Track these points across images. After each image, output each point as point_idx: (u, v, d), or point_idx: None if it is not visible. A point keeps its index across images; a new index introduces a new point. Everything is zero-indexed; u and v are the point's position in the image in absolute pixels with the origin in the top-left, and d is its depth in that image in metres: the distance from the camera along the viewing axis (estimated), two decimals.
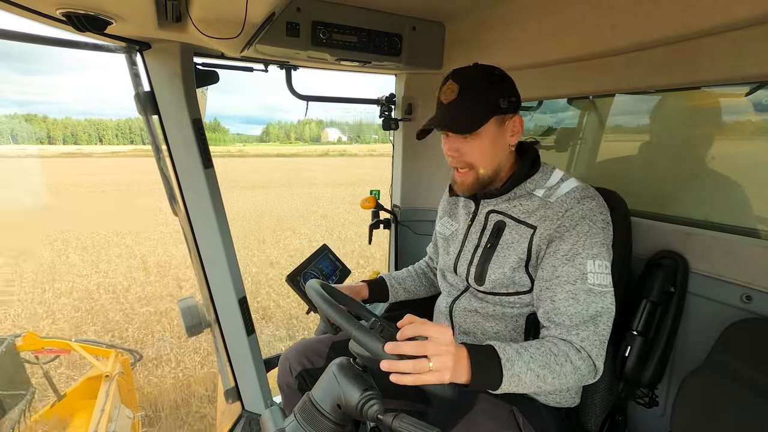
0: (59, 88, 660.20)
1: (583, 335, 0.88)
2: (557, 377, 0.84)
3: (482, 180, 1.04)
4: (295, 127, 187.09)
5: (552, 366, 0.84)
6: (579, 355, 0.87)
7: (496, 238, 1.04)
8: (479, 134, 0.98)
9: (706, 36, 0.97)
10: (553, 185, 1.01)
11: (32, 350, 2.50)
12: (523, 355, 0.82)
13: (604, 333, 0.90)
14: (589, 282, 0.90)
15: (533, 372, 0.82)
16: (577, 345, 0.88)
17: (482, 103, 0.97)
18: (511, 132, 1.02)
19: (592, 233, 0.92)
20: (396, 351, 0.72)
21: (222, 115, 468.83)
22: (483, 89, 0.98)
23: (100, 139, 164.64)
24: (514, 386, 0.81)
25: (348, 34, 1.39)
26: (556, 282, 0.92)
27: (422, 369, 0.71)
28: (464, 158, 1.01)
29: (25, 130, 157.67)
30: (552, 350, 0.86)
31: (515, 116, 1.01)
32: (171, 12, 0.99)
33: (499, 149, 1.02)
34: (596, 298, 0.89)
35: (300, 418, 0.77)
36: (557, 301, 0.91)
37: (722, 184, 1.20)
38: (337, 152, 67.88)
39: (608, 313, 0.91)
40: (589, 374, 0.89)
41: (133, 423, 2.30)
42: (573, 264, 0.91)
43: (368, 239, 2.12)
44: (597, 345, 0.88)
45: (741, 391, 0.86)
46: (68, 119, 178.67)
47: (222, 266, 1.59)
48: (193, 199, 1.52)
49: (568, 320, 0.89)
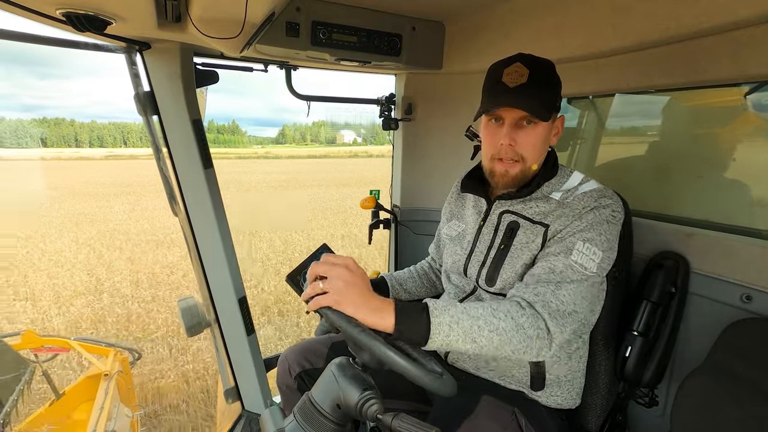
0: (77, 92, 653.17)
1: (539, 290, 0.84)
2: (495, 332, 0.77)
3: (527, 175, 1.00)
4: (310, 129, 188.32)
5: (488, 318, 0.78)
6: (523, 311, 0.81)
7: (509, 239, 1.02)
8: (540, 126, 0.94)
9: (706, 36, 0.97)
10: (571, 188, 0.99)
11: (31, 348, 2.50)
12: (456, 306, 0.79)
13: (564, 300, 0.84)
14: (572, 258, 0.88)
15: (465, 322, 0.77)
16: (524, 302, 0.83)
17: (550, 94, 0.95)
18: (555, 131, 1.01)
19: (594, 222, 0.91)
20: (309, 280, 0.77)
21: (230, 117, 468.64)
22: (551, 79, 0.95)
23: (124, 142, 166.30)
24: (444, 336, 0.76)
25: (348, 34, 1.39)
26: (542, 256, 0.92)
27: (316, 290, 0.74)
28: (518, 149, 0.96)
29: (54, 134, 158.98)
30: (492, 305, 0.81)
31: (561, 116, 1.01)
32: (171, 12, 0.99)
33: (546, 146, 1.00)
34: (572, 274, 0.86)
35: (299, 418, 0.77)
36: (534, 269, 0.91)
37: (722, 184, 1.20)
38: (364, 153, 69.52)
39: (577, 288, 0.85)
40: (540, 338, 0.80)
41: (132, 422, 2.30)
42: (563, 242, 0.90)
43: (368, 239, 2.13)
44: (552, 306, 0.83)
45: (741, 391, 0.86)
46: (94, 123, 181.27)
47: (222, 266, 1.59)
48: (193, 199, 1.52)
49: (533, 280, 0.88)
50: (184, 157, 1.47)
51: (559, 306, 0.83)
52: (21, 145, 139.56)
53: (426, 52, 1.59)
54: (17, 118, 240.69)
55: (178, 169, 1.49)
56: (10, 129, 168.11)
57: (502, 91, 0.94)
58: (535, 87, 0.91)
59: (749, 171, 1.16)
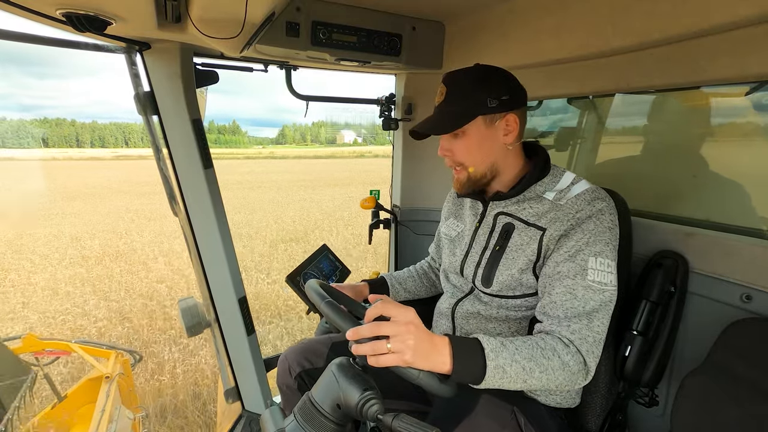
0: (76, 92, 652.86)
1: (574, 328, 0.86)
2: (544, 372, 0.81)
3: (474, 179, 1.04)
4: (310, 129, 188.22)
5: (538, 359, 0.81)
6: (567, 349, 0.84)
7: (504, 240, 1.03)
8: (465, 133, 1.00)
9: (706, 36, 0.97)
10: (564, 188, 1.00)
11: (32, 352, 2.50)
12: (508, 347, 0.80)
13: (598, 330, 0.87)
14: (589, 278, 0.89)
15: (518, 364, 0.79)
16: (566, 339, 0.86)
17: (466, 104, 0.98)
18: (504, 131, 1.01)
19: (597, 231, 0.91)
20: (356, 336, 0.73)
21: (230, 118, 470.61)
22: (468, 90, 0.98)
23: (126, 142, 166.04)
24: (498, 378, 0.78)
25: (348, 34, 1.39)
26: (556, 277, 0.92)
27: (379, 350, 0.71)
28: (455, 157, 1.03)
29: (56, 134, 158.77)
30: (539, 344, 0.83)
31: (508, 115, 0.99)
32: (171, 12, 0.99)
33: (489, 148, 1.01)
34: (594, 295, 0.88)
35: (300, 418, 0.77)
36: (554, 295, 0.91)
37: (722, 183, 1.20)
38: (369, 153, 70.60)
39: (605, 311, 0.89)
40: (579, 372, 0.85)
41: (134, 424, 2.30)
42: (575, 260, 0.91)
43: (368, 239, 2.13)
44: (588, 341, 0.86)
45: (741, 390, 0.86)
46: (95, 123, 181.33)
47: (222, 266, 1.59)
48: (193, 199, 1.52)
49: (561, 313, 0.88)
50: (184, 157, 1.47)
51: (594, 338, 0.87)
52: (23, 145, 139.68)
53: (426, 52, 1.59)
54: (19, 118, 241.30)
55: (178, 169, 1.49)
56: (12, 129, 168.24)
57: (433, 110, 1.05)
58: (449, 103, 1.00)
59: (749, 171, 1.16)
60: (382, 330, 0.72)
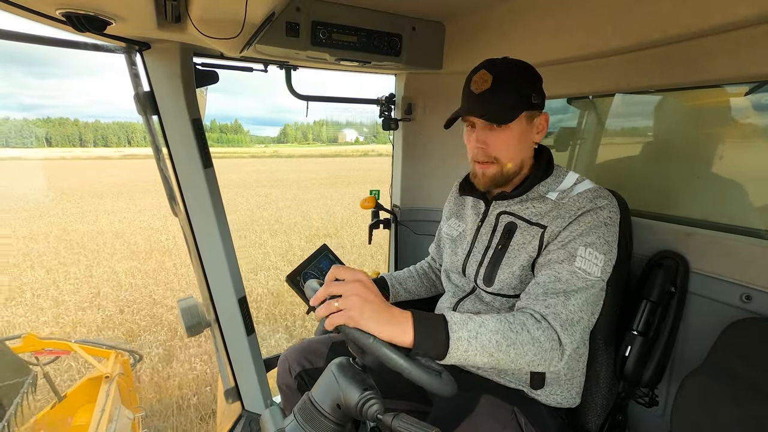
0: (77, 91, 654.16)
1: (549, 302, 0.85)
2: (512, 345, 0.78)
3: (505, 175, 1.02)
4: (311, 128, 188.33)
5: (506, 332, 0.78)
6: (538, 324, 0.82)
7: (507, 239, 1.03)
8: (509, 127, 0.97)
9: (706, 36, 0.97)
10: (567, 188, 1.00)
11: (32, 351, 2.50)
12: (474, 320, 0.79)
13: (574, 310, 0.85)
14: (576, 264, 0.88)
15: (484, 336, 0.77)
16: (538, 314, 0.84)
17: (516, 95, 0.96)
18: (537, 129, 1.01)
19: (593, 225, 0.91)
20: (316, 301, 0.75)
21: (232, 117, 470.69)
22: (517, 81, 0.96)
23: (128, 142, 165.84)
24: (463, 351, 0.76)
25: (348, 34, 1.39)
26: (545, 264, 0.93)
27: (331, 309, 0.72)
28: (490, 151, 1.00)
29: (59, 134, 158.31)
30: (507, 318, 0.82)
31: (543, 114, 1.01)
32: (170, 12, 0.99)
33: (524, 145, 1.01)
34: (578, 281, 0.87)
35: (300, 418, 0.77)
36: (539, 277, 0.91)
37: (722, 183, 1.20)
38: (373, 152, 70.85)
39: (585, 295, 0.87)
40: (553, 351, 0.82)
41: (133, 424, 2.30)
42: (565, 248, 0.91)
43: (368, 239, 2.13)
44: (562, 317, 0.84)
45: (741, 391, 0.86)
46: (98, 122, 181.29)
47: (222, 266, 1.59)
48: (192, 199, 1.52)
49: (541, 291, 0.88)
50: (184, 157, 1.47)
51: (568, 316, 0.85)
52: (26, 145, 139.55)
53: (426, 52, 1.59)
54: (23, 118, 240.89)
55: (178, 169, 1.49)
56: (16, 128, 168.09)
57: (468, 98, 1.00)
58: (498, 91, 0.95)
59: (749, 171, 1.16)
60: (331, 289, 0.74)
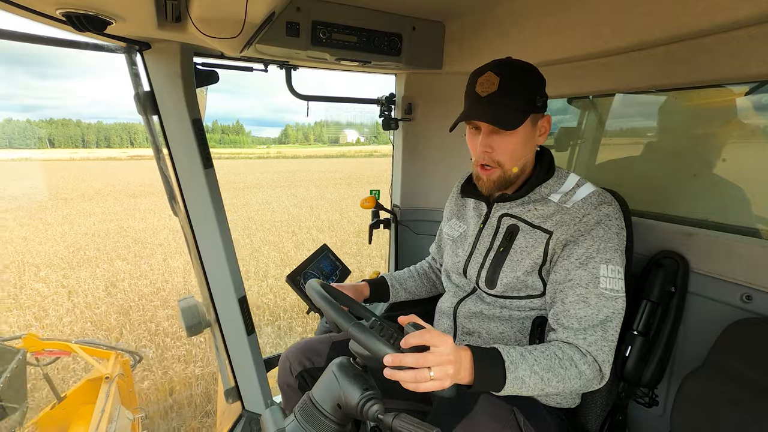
0: (77, 92, 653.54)
1: (591, 339, 0.88)
2: (561, 381, 0.84)
3: (508, 178, 1.01)
4: (312, 129, 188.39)
5: (556, 369, 0.83)
6: (584, 359, 0.86)
7: (509, 242, 1.03)
8: (516, 131, 0.95)
9: (706, 36, 0.97)
10: (568, 190, 1.00)
11: (32, 352, 2.50)
12: (527, 358, 0.82)
13: (611, 338, 0.89)
14: (601, 286, 0.89)
15: (537, 375, 0.82)
16: (583, 349, 0.87)
17: (522, 99, 0.93)
18: (540, 131, 1.00)
19: (607, 238, 0.92)
20: (397, 363, 0.71)
21: (233, 118, 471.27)
22: (523, 85, 0.94)
23: (131, 142, 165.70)
24: (517, 389, 0.81)
25: (348, 33, 1.39)
26: (568, 285, 0.92)
27: (422, 379, 0.71)
28: (495, 155, 0.98)
29: (62, 134, 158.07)
30: (557, 354, 0.85)
31: (546, 116, 1.00)
32: (171, 12, 0.99)
33: (528, 148, 1.00)
34: (607, 303, 0.89)
35: (300, 418, 0.77)
36: (567, 304, 0.91)
37: (722, 183, 1.20)
38: (378, 153, 71.21)
39: (618, 318, 0.90)
40: (594, 379, 0.88)
41: (133, 424, 2.30)
42: (586, 268, 0.91)
43: (368, 239, 2.13)
44: (604, 350, 0.88)
45: (741, 391, 0.86)
46: (100, 123, 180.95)
47: (222, 266, 1.59)
48: (193, 199, 1.52)
49: (576, 323, 0.89)
50: (185, 157, 1.47)
51: (609, 346, 0.89)
52: (29, 146, 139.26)
53: (426, 51, 1.59)
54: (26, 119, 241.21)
55: (178, 169, 1.49)
56: (19, 130, 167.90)
57: (474, 101, 0.96)
58: (505, 94, 0.92)
59: (749, 171, 1.16)
60: (427, 362, 0.72)
